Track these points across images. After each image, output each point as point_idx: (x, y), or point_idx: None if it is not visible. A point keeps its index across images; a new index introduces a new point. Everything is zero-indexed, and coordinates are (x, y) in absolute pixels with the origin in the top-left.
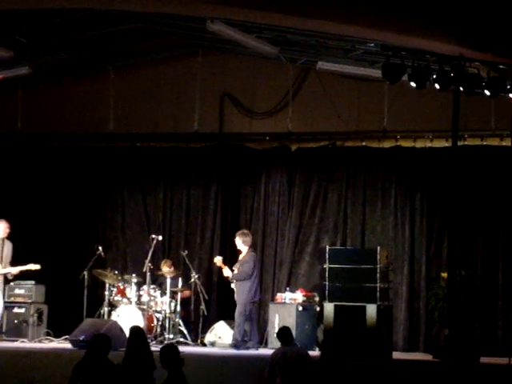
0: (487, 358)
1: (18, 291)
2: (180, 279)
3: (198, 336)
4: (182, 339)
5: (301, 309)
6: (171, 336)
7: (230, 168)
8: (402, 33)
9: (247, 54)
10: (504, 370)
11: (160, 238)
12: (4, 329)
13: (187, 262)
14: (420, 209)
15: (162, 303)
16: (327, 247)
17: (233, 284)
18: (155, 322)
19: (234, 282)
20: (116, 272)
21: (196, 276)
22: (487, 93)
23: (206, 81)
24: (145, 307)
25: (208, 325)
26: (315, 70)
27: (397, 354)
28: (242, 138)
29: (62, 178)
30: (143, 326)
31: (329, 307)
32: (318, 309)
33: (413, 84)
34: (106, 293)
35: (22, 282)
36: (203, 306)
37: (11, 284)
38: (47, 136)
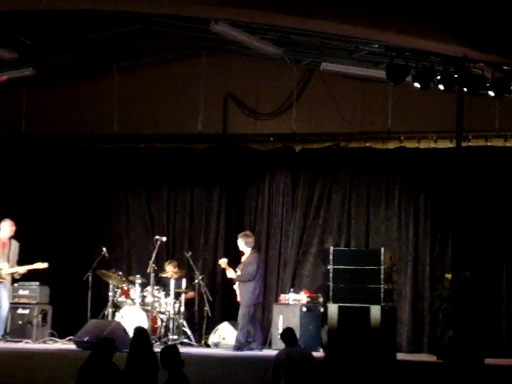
0: (491, 359)
1: (22, 292)
2: (184, 280)
3: (201, 337)
4: (185, 340)
5: (305, 310)
6: (175, 337)
7: (234, 169)
8: (405, 33)
9: (251, 55)
10: (508, 371)
11: (164, 239)
12: (8, 330)
13: (191, 263)
14: (424, 210)
15: (166, 304)
16: (331, 248)
17: (235, 285)
18: (159, 323)
19: (237, 283)
20: (120, 273)
21: (200, 277)
22: (491, 94)
23: (210, 82)
24: (149, 308)
25: (212, 326)
26: (319, 70)
27: (401, 355)
28: (245, 139)
29: (65, 178)
30: (147, 327)
31: (333, 308)
32: (321, 310)
33: (417, 85)
34: (110, 294)
35: (27, 283)
36: (207, 307)
37: (15, 285)
38: (51, 137)
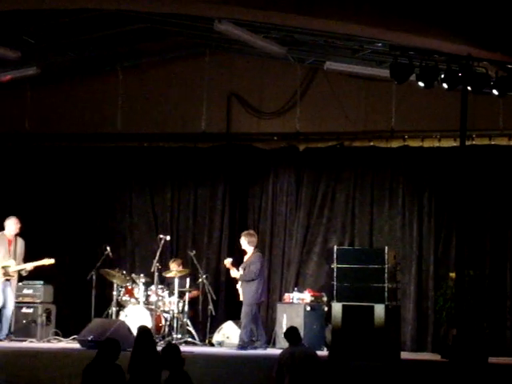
0: (495, 358)
1: (26, 291)
2: (188, 279)
3: (205, 336)
4: (189, 339)
5: (309, 309)
6: (179, 336)
7: (237, 168)
8: (409, 32)
9: (255, 54)
10: None
11: (168, 238)
12: (12, 329)
13: (195, 261)
14: (428, 208)
15: (170, 303)
16: (335, 247)
17: (238, 285)
18: (163, 322)
19: (241, 282)
20: (124, 272)
21: (204, 276)
22: (495, 92)
23: (214, 81)
24: (153, 307)
25: (216, 325)
26: (323, 69)
27: (405, 354)
28: (249, 138)
29: (69, 177)
30: (151, 326)
31: (337, 307)
32: (325, 309)
33: (421, 84)
34: (114, 293)
35: (31, 282)
36: (211, 306)
37: (19, 284)
38: (55, 136)
